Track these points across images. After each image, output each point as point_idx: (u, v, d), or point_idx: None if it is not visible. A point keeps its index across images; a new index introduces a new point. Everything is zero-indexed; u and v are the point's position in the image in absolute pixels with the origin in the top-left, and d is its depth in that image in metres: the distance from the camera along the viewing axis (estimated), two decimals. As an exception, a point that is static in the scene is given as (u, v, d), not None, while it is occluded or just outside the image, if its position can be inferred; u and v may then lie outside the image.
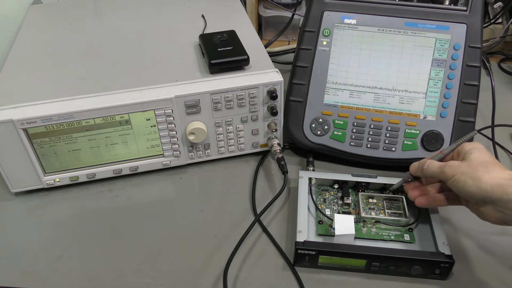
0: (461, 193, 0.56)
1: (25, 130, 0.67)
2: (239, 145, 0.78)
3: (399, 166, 0.76)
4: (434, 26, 0.72)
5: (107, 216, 0.71)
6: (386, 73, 0.74)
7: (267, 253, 0.65)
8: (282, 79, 0.73)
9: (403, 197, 0.69)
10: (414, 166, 0.64)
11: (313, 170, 0.75)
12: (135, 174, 0.77)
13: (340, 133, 0.76)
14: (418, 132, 0.74)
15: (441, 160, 0.62)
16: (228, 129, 0.76)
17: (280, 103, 0.75)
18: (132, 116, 0.70)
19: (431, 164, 0.60)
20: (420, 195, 0.64)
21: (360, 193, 0.70)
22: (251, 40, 0.82)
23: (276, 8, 1.08)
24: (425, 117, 0.74)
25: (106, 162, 0.74)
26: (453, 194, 0.61)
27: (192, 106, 0.71)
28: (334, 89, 0.76)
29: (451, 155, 0.62)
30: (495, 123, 0.83)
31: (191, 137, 0.73)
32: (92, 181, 0.76)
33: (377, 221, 0.66)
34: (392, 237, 0.64)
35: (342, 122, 0.76)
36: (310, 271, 0.62)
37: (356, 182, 0.71)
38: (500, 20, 1.03)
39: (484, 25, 1.01)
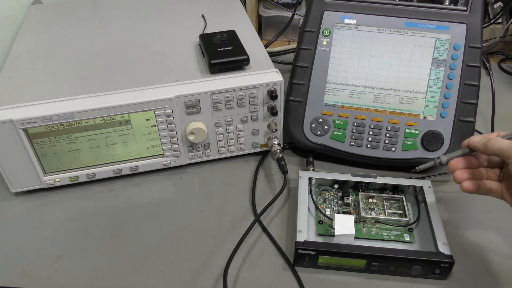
0: None
1: (25, 130, 0.67)
2: (239, 145, 0.78)
3: (399, 166, 0.76)
4: (434, 26, 0.72)
5: (107, 216, 0.71)
6: (386, 73, 0.74)
7: (267, 253, 0.65)
8: (282, 79, 0.73)
9: (403, 197, 0.69)
10: (476, 138, 0.56)
11: (313, 170, 0.75)
12: (135, 174, 0.77)
13: (340, 133, 0.76)
14: (418, 132, 0.74)
15: None
16: (228, 129, 0.76)
17: (280, 103, 0.75)
18: (132, 116, 0.70)
19: (499, 139, 0.53)
20: (468, 179, 0.57)
21: (360, 193, 0.70)
22: (251, 40, 0.82)
23: (276, 8, 1.08)
24: (425, 117, 0.74)
25: (106, 162, 0.74)
26: (511, 185, 0.55)
27: (192, 106, 0.71)
28: (334, 89, 0.76)
29: None
30: (495, 123, 0.83)
31: (191, 137, 0.73)
32: (92, 181, 0.76)
33: (377, 221, 0.66)
34: (392, 237, 0.64)
35: (342, 122, 0.76)
36: (310, 271, 0.62)
37: (356, 182, 0.71)
38: (500, 20, 1.03)
39: (484, 25, 1.01)
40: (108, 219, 0.71)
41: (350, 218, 0.62)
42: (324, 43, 0.75)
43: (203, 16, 0.91)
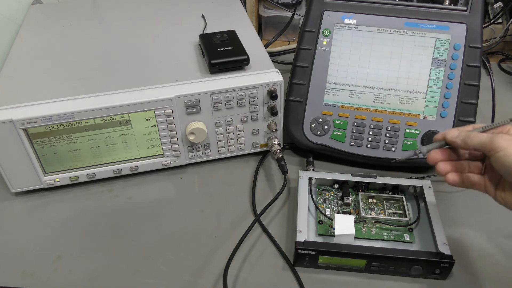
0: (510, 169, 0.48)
1: (25, 130, 0.67)
2: (239, 145, 0.78)
3: (399, 166, 0.76)
4: (434, 26, 0.72)
5: (107, 216, 0.71)
6: (386, 73, 0.74)
7: (267, 253, 0.65)
8: (282, 79, 0.73)
9: (403, 197, 0.69)
10: (453, 133, 0.53)
11: (313, 170, 0.75)
12: (135, 174, 0.77)
13: (340, 133, 0.76)
14: (418, 132, 0.74)
15: None
16: (228, 129, 0.76)
17: (280, 103, 0.75)
18: (132, 116, 0.70)
19: (478, 134, 0.51)
20: (453, 171, 0.54)
21: (360, 193, 0.70)
22: (251, 40, 0.82)
23: (276, 8, 1.08)
24: (425, 117, 0.74)
25: (106, 162, 0.74)
26: (494, 177, 0.53)
27: (192, 106, 0.71)
28: (334, 89, 0.76)
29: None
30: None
31: (191, 137, 0.73)
32: (92, 181, 0.76)
33: (377, 221, 0.66)
34: (392, 237, 0.64)
35: (342, 122, 0.76)
36: (310, 271, 0.62)
37: (356, 182, 0.71)
38: (500, 20, 1.03)
39: (484, 25, 1.01)
40: (108, 219, 0.71)
41: (350, 218, 0.62)
42: (324, 43, 0.75)
43: (203, 16, 0.91)
